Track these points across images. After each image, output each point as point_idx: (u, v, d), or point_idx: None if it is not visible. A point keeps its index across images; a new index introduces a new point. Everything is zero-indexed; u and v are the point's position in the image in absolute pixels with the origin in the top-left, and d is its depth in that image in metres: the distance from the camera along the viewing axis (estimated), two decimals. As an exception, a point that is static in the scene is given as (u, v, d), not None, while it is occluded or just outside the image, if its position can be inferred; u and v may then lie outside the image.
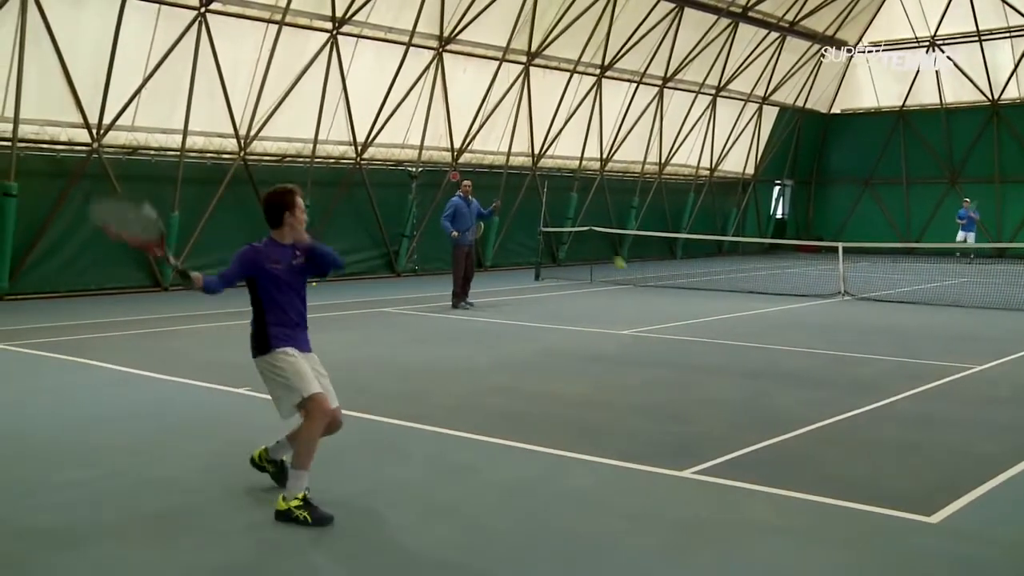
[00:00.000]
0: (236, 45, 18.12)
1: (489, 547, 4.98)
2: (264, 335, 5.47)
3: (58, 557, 4.76)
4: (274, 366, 5.42)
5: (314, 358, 5.63)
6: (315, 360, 5.63)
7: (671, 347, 11.82)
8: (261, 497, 5.73)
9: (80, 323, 13.07)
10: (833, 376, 9.91)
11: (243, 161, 18.86)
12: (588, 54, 24.70)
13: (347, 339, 12.20)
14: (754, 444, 6.93)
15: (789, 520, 5.42)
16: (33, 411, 7.94)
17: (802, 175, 35.73)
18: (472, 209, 15.64)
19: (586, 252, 25.58)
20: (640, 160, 28.50)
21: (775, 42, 29.80)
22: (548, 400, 8.59)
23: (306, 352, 5.58)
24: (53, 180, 16.38)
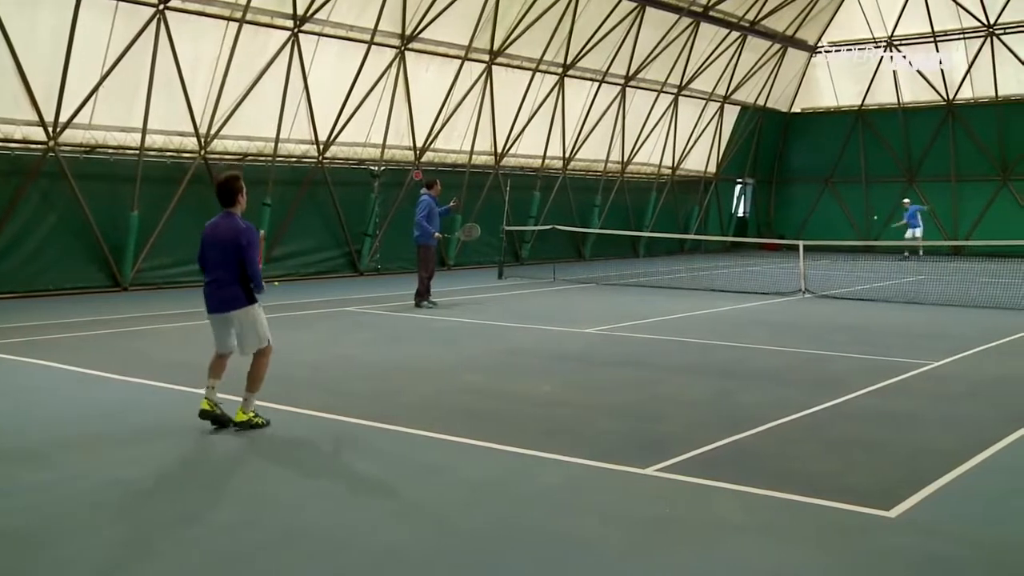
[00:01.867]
0: (196, 43, 17.92)
1: (457, 546, 4.98)
2: (249, 290, 7.14)
3: (23, 559, 4.69)
4: (257, 315, 7.20)
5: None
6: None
7: (636, 345, 11.89)
8: (224, 496, 5.68)
9: (39, 324, 12.86)
10: (795, 373, 10.02)
11: (203, 160, 18.67)
12: (550, 53, 24.75)
13: (311, 338, 12.13)
14: (719, 441, 7.00)
15: (754, 516, 5.48)
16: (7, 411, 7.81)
17: (763, 174, 36.09)
18: (440, 209, 15.71)
19: (549, 251, 25.65)
20: (603, 159, 28.63)
21: (736, 41, 30.07)
22: (515, 399, 8.61)
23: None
24: (8, 179, 16.12)
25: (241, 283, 7.12)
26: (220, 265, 7.13)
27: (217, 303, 7.18)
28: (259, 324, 7.21)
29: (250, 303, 7.16)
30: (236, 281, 7.12)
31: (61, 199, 16.76)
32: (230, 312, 7.14)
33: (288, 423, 7.57)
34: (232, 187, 7.23)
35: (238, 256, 7.06)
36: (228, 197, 7.23)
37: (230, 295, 7.12)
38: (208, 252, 7.22)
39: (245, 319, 7.17)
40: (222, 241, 7.12)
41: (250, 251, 7.06)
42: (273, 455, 6.70)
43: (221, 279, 7.13)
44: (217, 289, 7.16)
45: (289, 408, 7.95)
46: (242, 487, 5.93)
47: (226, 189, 7.23)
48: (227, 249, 7.08)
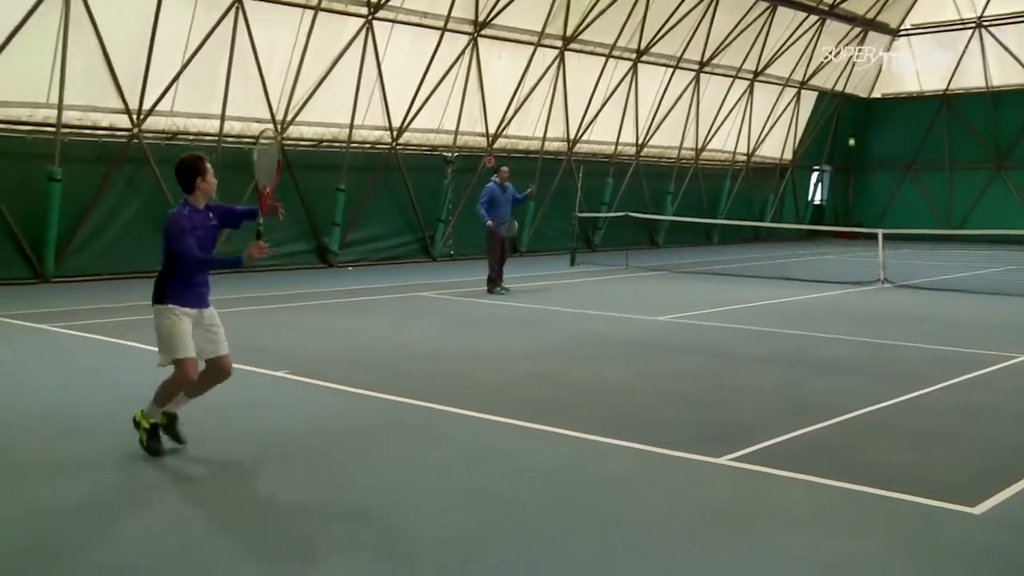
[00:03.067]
0: (272, 31, 18.23)
1: (523, 530, 4.99)
2: (163, 290, 6.05)
3: (88, 539, 4.85)
4: (162, 320, 6.03)
5: (209, 312, 6.21)
6: (210, 315, 6.21)
7: (707, 334, 11.76)
8: (293, 477, 5.79)
9: (122, 306, 13.24)
10: (871, 364, 9.80)
11: (280, 146, 18.96)
12: (624, 39, 24.54)
13: (382, 323, 12.26)
14: (791, 432, 6.88)
15: (826, 508, 5.38)
16: (76, 391, 8.08)
17: (841, 160, 35.30)
18: (508, 195, 15.57)
19: (622, 238, 25.49)
20: (676, 145, 28.32)
21: (814, 25, 29.40)
22: (584, 386, 8.59)
23: (202, 308, 6.16)
24: (95, 165, 16.62)
25: (159, 279, 6.11)
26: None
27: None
28: (163, 331, 6.05)
29: (157, 301, 6.08)
30: (159, 276, 6.15)
31: (144, 185, 17.22)
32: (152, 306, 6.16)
33: (358, 406, 7.67)
34: (187, 167, 6.18)
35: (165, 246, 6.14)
36: (183, 180, 6.18)
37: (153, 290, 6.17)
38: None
39: (155, 319, 6.12)
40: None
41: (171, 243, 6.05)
42: (342, 438, 6.79)
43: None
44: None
45: (359, 391, 8.05)
46: (314, 469, 6.02)
47: (180, 170, 6.18)
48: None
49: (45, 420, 7.13)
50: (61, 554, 4.59)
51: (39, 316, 11.99)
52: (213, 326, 6.23)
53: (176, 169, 6.17)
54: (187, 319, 6.05)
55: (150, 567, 4.46)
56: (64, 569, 4.45)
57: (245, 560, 4.61)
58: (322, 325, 12.00)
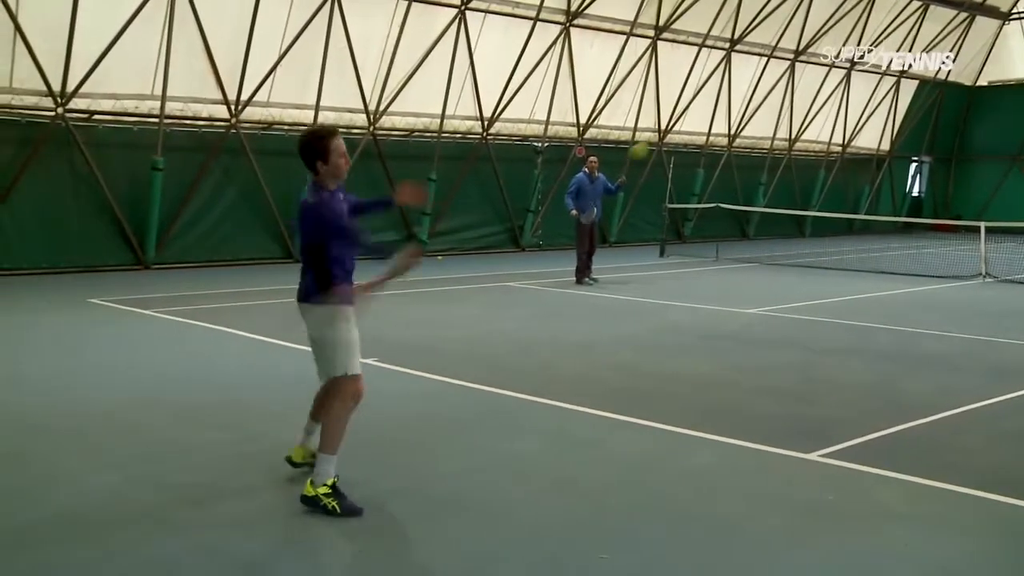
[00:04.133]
0: (366, 22, 18.50)
1: (610, 522, 5.01)
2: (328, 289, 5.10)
3: (193, 514, 5.05)
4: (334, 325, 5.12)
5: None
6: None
7: (798, 327, 11.56)
8: (383, 465, 5.91)
9: (220, 292, 13.67)
10: (970, 361, 9.50)
11: (372, 136, 19.29)
12: (717, 28, 24.17)
13: (471, 312, 12.38)
14: (884, 429, 6.73)
15: (919, 507, 5.26)
16: (176, 375, 8.38)
17: (942, 151, 34.14)
18: (597, 186, 15.45)
19: (712, 229, 25.17)
20: (769, 136, 27.79)
21: (917, 11, 28.46)
22: (670, 377, 8.54)
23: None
24: (195, 155, 17.14)
25: (317, 277, 5.13)
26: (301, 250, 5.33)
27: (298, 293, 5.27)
28: (336, 336, 5.10)
29: (322, 301, 5.09)
30: (310, 270, 5.19)
31: (241, 174, 17.70)
32: (301, 304, 5.22)
33: (445, 394, 7.78)
34: (307, 145, 5.23)
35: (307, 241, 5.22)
36: (305, 158, 5.25)
37: (303, 285, 5.21)
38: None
39: (317, 320, 5.17)
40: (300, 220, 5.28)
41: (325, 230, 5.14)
42: (429, 426, 6.89)
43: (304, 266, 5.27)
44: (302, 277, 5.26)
45: (446, 379, 8.16)
46: (402, 456, 6.13)
47: (303, 149, 5.25)
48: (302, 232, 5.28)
49: (157, 405, 7.42)
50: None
51: (143, 302, 12.45)
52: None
53: (300, 148, 5.25)
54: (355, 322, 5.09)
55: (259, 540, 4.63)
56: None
57: (339, 540, 4.74)
58: (411, 314, 12.17)
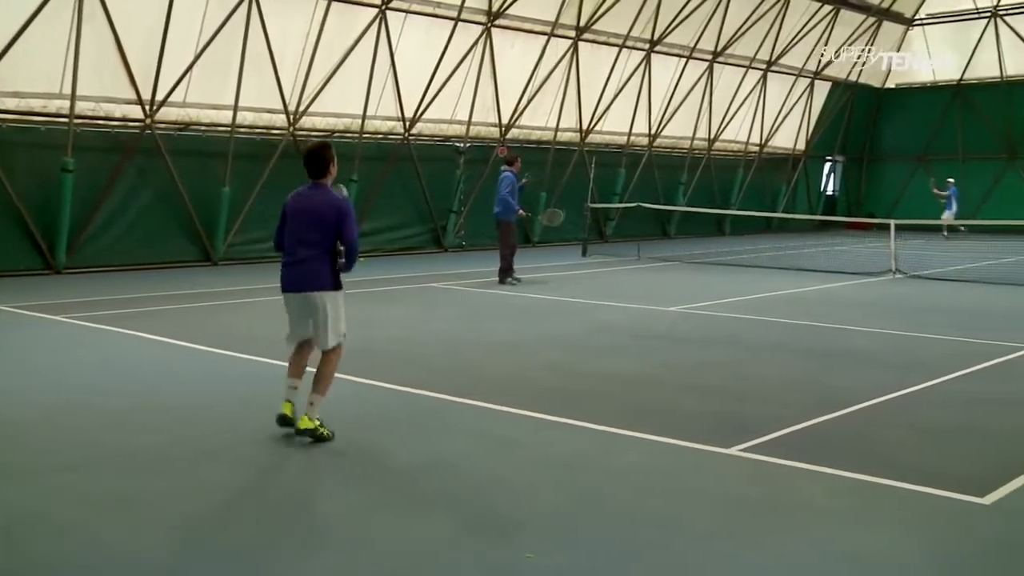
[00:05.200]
0: (285, 21, 18.22)
1: (539, 522, 5.00)
2: (337, 277, 6.44)
3: (119, 519, 4.89)
4: (339, 304, 6.47)
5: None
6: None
7: (720, 324, 11.75)
8: (302, 467, 5.81)
9: (135, 296, 13.30)
10: (885, 355, 9.77)
11: (292, 136, 19.01)
12: (637, 29, 24.45)
13: (394, 314, 12.29)
14: (805, 422, 6.88)
15: (840, 499, 5.38)
16: (93, 382, 8.13)
17: (854, 151, 35.12)
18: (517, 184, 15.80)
19: (634, 228, 25.45)
20: (689, 136, 28.23)
21: (828, 15, 29.23)
22: (597, 377, 8.59)
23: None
24: (108, 156, 16.66)
25: (331, 263, 6.37)
26: (307, 240, 6.35)
27: (299, 281, 6.43)
28: (340, 314, 6.49)
29: (335, 288, 6.43)
30: (325, 259, 6.36)
31: (156, 175, 17.27)
32: (313, 292, 6.38)
33: (370, 397, 7.70)
34: (323, 156, 6.49)
35: (334, 231, 6.32)
36: (319, 167, 6.46)
37: (315, 273, 6.36)
38: (294, 226, 6.43)
39: (328, 305, 6.41)
40: (316, 214, 6.34)
41: (349, 224, 6.33)
42: (354, 429, 6.81)
43: (308, 256, 6.35)
44: (302, 265, 6.39)
45: (371, 382, 8.08)
46: (328, 460, 6.05)
47: (316, 158, 6.47)
48: (322, 223, 6.31)
49: (59, 410, 7.17)
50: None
51: (52, 307, 12.05)
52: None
53: (308, 155, 6.53)
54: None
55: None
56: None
57: (255, 544, 4.64)
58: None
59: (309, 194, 6.48)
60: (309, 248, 6.37)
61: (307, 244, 6.39)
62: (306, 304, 6.45)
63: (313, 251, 6.37)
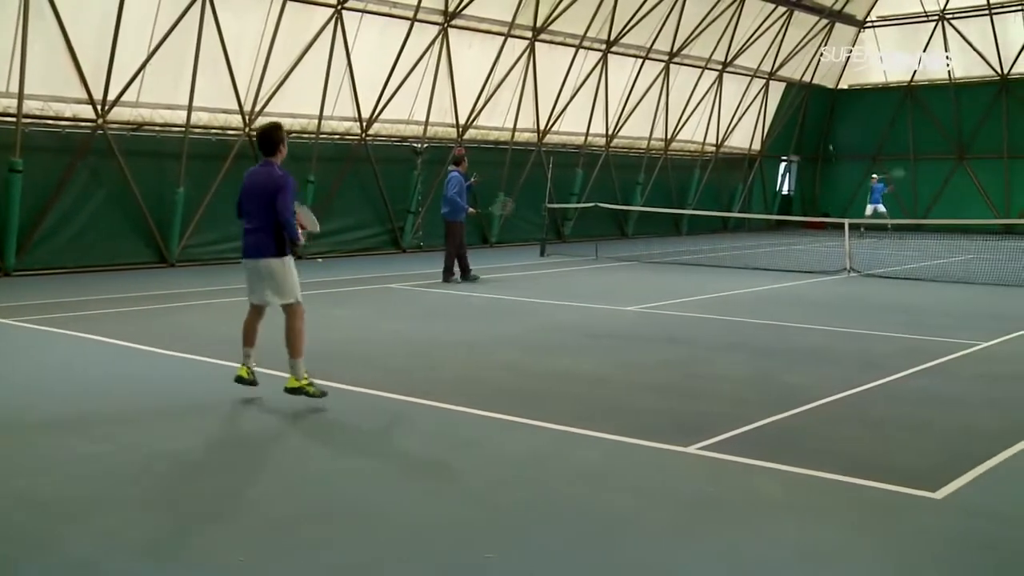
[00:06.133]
0: (240, 20, 18.03)
1: (495, 522, 5.00)
2: (283, 244, 7.23)
3: (69, 529, 4.80)
4: (286, 268, 7.27)
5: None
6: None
7: (677, 324, 11.83)
8: (262, 471, 5.76)
9: (87, 299, 13.09)
10: (839, 353, 9.90)
11: (248, 137, 18.80)
12: (594, 29, 24.56)
13: (352, 315, 12.22)
14: (760, 420, 6.95)
15: (795, 496, 5.44)
16: (43, 386, 7.98)
17: (808, 151, 35.57)
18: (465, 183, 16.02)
19: (591, 228, 25.55)
20: (646, 136, 28.41)
21: (782, 16, 29.58)
22: (554, 376, 8.61)
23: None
24: (58, 156, 16.37)
25: (274, 233, 7.22)
26: (256, 213, 7.26)
27: (251, 249, 7.32)
28: (288, 277, 7.28)
29: (280, 255, 7.25)
30: (269, 230, 7.21)
31: (109, 176, 17.00)
32: (260, 260, 7.27)
33: (328, 398, 7.63)
34: (273, 136, 7.38)
35: (272, 203, 7.14)
36: (269, 146, 7.37)
37: (262, 242, 7.23)
38: (246, 200, 7.38)
39: (275, 270, 7.26)
40: (259, 188, 7.25)
41: (282, 196, 7.11)
42: (312, 430, 6.77)
43: (257, 227, 7.26)
44: (252, 235, 7.31)
45: (329, 383, 8.01)
46: (280, 462, 6.00)
47: (266, 137, 7.39)
48: (263, 196, 7.19)
49: (15, 415, 7.03)
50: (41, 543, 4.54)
51: (2, 310, 11.81)
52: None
53: (260, 135, 7.46)
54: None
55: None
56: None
57: (202, 551, 4.58)
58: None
59: (258, 171, 7.39)
60: (258, 220, 7.24)
61: (256, 216, 7.26)
62: (256, 270, 7.32)
63: (261, 223, 7.22)
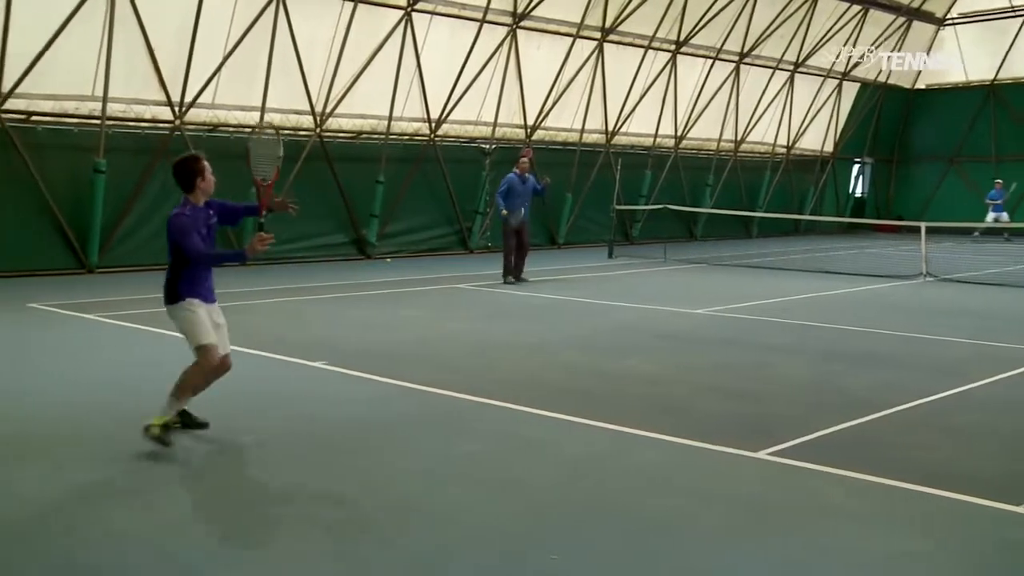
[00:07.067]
0: (312, 23, 18.32)
1: (556, 522, 4.99)
2: (176, 289, 6.33)
3: (153, 517, 4.93)
4: (182, 314, 6.32)
5: (216, 308, 6.46)
6: (216, 310, 6.46)
7: (745, 327, 11.67)
8: (330, 469, 5.84)
9: (160, 296, 13.37)
10: (913, 359, 9.68)
11: (319, 138, 19.11)
12: (663, 30, 24.37)
13: (419, 315, 12.32)
14: (830, 427, 6.82)
15: (864, 504, 5.33)
16: (126, 381, 8.20)
17: (883, 153, 34.80)
18: (527, 186, 15.82)
19: (660, 230, 25.35)
20: (715, 137, 28.10)
21: (857, 15, 28.98)
22: (618, 377, 8.57)
23: (210, 302, 6.42)
24: (138, 157, 16.81)
25: (170, 278, 6.39)
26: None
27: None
28: (184, 322, 6.35)
29: (172, 301, 6.36)
30: (169, 275, 6.41)
31: (185, 176, 17.38)
32: (166, 307, 6.48)
33: (393, 397, 7.72)
34: (185, 168, 6.28)
35: (172, 247, 6.34)
36: (182, 180, 6.30)
37: (165, 289, 6.46)
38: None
39: (174, 317, 6.42)
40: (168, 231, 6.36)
41: (178, 238, 6.24)
42: (378, 429, 6.83)
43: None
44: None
45: (395, 382, 8.10)
46: (347, 460, 6.06)
47: (178, 173, 6.31)
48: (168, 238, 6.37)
49: (93, 407, 7.24)
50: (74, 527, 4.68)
51: (84, 306, 12.18)
52: (219, 324, 6.44)
53: (174, 170, 6.29)
54: (203, 308, 6.32)
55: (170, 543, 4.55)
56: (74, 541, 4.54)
57: (269, 546, 4.66)
58: (359, 316, 12.07)
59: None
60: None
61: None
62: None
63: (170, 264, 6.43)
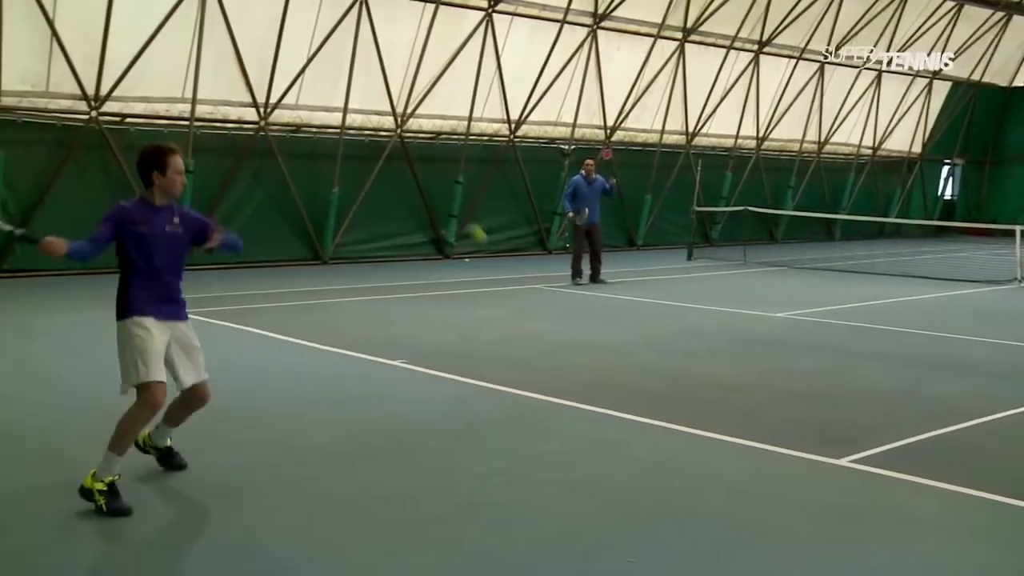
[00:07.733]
0: (394, 25, 18.53)
1: (632, 526, 4.95)
2: (124, 299, 5.08)
3: (236, 512, 5.05)
4: (123, 337, 5.04)
5: (183, 327, 5.28)
6: (184, 330, 5.28)
7: (827, 331, 11.42)
8: (407, 467, 5.89)
9: (246, 293, 13.72)
10: (1006, 367, 9.34)
11: (400, 138, 19.32)
12: (745, 29, 24.01)
13: (497, 315, 12.35)
14: (917, 435, 6.63)
15: (954, 516, 5.16)
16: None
17: (975, 154, 33.70)
18: (595, 188, 15.78)
19: (740, 232, 24.96)
20: (798, 138, 27.56)
21: (950, 11, 28.13)
22: (698, 380, 8.47)
23: (175, 321, 5.23)
24: (224, 157, 17.23)
25: (119, 287, 5.16)
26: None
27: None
28: (123, 349, 5.05)
29: (118, 316, 5.10)
30: (118, 284, 5.19)
31: (269, 176, 17.77)
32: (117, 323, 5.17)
33: (470, 396, 7.75)
34: (145, 157, 5.17)
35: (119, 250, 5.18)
36: (141, 171, 5.20)
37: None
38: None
39: (118, 337, 5.11)
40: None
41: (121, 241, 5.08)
42: (457, 428, 6.86)
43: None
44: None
45: (472, 381, 8.14)
46: (424, 459, 6.10)
47: (139, 161, 5.19)
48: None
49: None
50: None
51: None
52: (189, 346, 5.29)
53: (140, 159, 5.19)
54: (156, 332, 5.07)
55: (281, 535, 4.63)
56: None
57: (346, 543, 4.71)
58: (437, 316, 12.16)
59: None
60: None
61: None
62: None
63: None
